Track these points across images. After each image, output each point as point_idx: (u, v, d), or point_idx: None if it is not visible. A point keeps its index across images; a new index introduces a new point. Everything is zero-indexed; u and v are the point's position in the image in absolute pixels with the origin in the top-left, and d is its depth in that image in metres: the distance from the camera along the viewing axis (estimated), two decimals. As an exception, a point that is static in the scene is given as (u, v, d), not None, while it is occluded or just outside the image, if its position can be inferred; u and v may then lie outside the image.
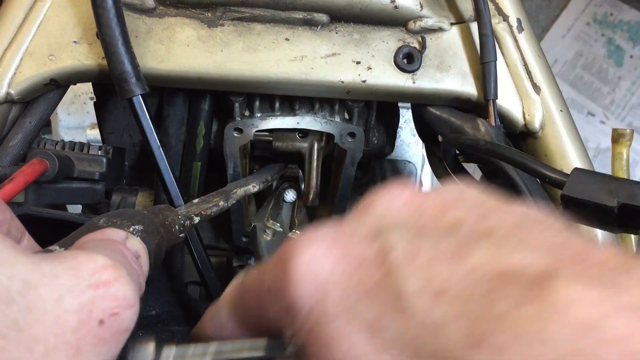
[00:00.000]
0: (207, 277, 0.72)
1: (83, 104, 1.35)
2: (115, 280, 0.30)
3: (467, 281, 0.27)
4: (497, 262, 0.27)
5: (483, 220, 0.31)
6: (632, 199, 0.48)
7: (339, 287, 0.31)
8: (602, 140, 2.74)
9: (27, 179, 0.57)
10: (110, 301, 0.29)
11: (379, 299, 0.29)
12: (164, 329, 0.75)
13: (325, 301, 0.31)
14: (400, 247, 0.30)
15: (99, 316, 0.29)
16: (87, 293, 0.29)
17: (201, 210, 0.58)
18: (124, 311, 0.30)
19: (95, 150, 0.71)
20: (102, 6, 0.61)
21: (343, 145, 0.76)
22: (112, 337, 0.29)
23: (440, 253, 0.29)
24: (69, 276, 0.29)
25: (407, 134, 1.00)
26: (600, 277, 0.26)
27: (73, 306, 0.28)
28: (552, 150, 0.72)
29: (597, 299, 0.24)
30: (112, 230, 0.39)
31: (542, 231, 0.30)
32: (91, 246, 0.34)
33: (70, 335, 0.27)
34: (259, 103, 0.76)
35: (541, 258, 0.27)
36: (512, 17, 0.73)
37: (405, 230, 0.32)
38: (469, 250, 0.29)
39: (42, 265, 0.28)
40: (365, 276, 0.30)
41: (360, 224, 0.34)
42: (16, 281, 0.26)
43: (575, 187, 0.51)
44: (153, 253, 0.43)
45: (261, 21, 0.69)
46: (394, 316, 0.28)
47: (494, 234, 0.30)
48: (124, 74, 0.62)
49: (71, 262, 0.29)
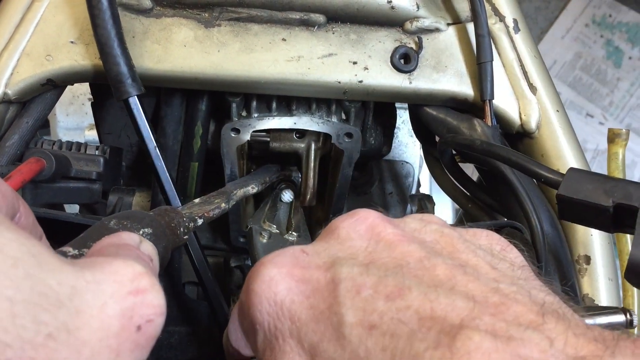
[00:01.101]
0: (205, 278, 0.72)
1: (81, 104, 1.35)
2: (151, 288, 0.31)
3: (397, 319, 0.31)
4: (426, 305, 0.31)
5: (428, 260, 0.35)
6: (627, 198, 0.48)
7: (294, 309, 0.35)
8: (600, 141, 2.74)
9: (24, 177, 0.57)
10: (147, 308, 0.30)
11: (323, 324, 0.33)
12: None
13: (280, 320, 0.35)
14: (348, 280, 0.34)
15: (137, 322, 0.30)
16: (128, 300, 0.30)
17: (204, 212, 0.58)
18: (157, 318, 0.31)
19: (92, 150, 0.71)
20: (98, 7, 0.61)
21: (340, 145, 0.76)
22: (146, 343, 0.30)
23: (380, 290, 0.33)
24: (111, 282, 0.30)
25: (404, 135, 1.00)
26: (507, 330, 0.30)
27: (116, 312, 0.29)
28: (548, 151, 0.72)
29: (497, 349, 0.28)
30: (127, 234, 0.39)
31: (476, 278, 0.34)
32: (112, 252, 0.35)
33: (113, 339, 0.28)
34: (256, 103, 0.76)
35: (463, 306, 0.31)
36: (509, 17, 0.74)
37: (355, 264, 0.35)
38: (405, 290, 0.33)
39: (85, 272, 0.29)
40: (316, 302, 0.34)
41: (321, 250, 0.38)
42: (65, 287, 0.27)
43: (571, 187, 0.51)
44: (161, 256, 0.43)
45: (258, 21, 0.69)
46: (332, 343, 0.32)
47: (432, 277, 0.34)
48: (119, 75, 0.62)
49: (109, 269, 0.30)
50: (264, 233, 0.73)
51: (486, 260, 0.37)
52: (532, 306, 0.31)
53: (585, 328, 0.30)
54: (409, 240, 0.37)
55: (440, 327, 0.30)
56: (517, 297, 0.32)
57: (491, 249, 0.40)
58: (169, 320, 0.78)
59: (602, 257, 0.68)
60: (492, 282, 0.34)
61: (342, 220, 0.40)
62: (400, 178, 0.98)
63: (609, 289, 0.67)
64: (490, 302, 0.32)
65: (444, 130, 0.74)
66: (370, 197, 0.95)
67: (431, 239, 0.38)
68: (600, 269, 0.68)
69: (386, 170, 0.97)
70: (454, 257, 0.36)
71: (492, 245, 0.40)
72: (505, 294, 0.32)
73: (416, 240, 0.37)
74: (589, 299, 0.67)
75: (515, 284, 0.34)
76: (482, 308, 0.31)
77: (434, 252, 0.36)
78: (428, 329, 0.30)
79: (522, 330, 0.29)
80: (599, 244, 0.69)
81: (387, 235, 0.37)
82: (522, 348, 0.28)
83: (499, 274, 0.35)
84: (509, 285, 0.33)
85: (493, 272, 0.36)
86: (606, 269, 0.68)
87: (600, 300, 0.67)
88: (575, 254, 0.69)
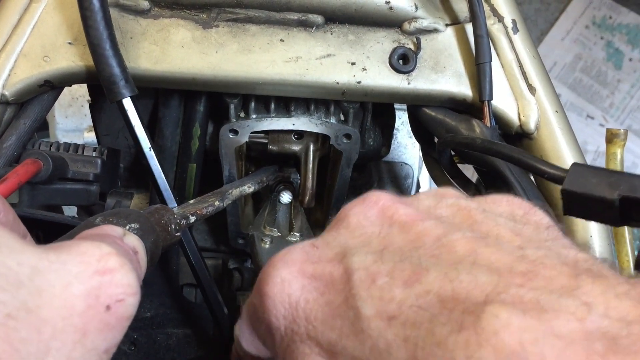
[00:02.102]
0: (203, 279, 0.72)
1: (80, 107, 1.35)
2: (120, 268, 0.30)
3: (416, 306, 0.29)
4: (446, 286, 0.29)
5: (445, 236, 0.32)
6: (632, 191, 0.48)
7: (309, 308, 0.33)
8: (601, 143, 2.73)
9: (21, 179, 0.57)
10: (116, 287, 0.30)
11: (340, 320, 0.31)
12: (159, 331, 0.74)
13: (296, 323, 0.33)
14: (362, 270, 0.32)
15: (105, 301, 0.29)
16: (94, 279, 0.29)
17: (197, 210, 0.58)
18: (128, 298, 0.30)
19: (89, 152, 0.71)
20: (90, 9, 0.61)
21: (339, 146, 0.76)
22: (117, 323, 0.30)
23: (396, 277, 0.31)
24: (77, 262, 0.29)
25: (403, 136, 1.00)
26: (538, 301, 0.26)
27: (81, 291, 0.29)
28: (547, 151, 0.72)
29: (528, 326, 0.25)
30: (109, 226, 0.39)
31: (498, 249, 0.31)
32: (91, 239, 0.35)
33: (78, 318, 0.28)
34: (254, 104, 0.76)
35: (487, 281, 0.28)
36: (507, 18, 0.73)
37: (368, 252, 0.33)
38: (423, 273, 0.30)
39: (49, 253, 0.29)
40: (331, 297, 0.32)
41: (331, 241, 0.36)
42: (25, 267, 0.27)
43: (575, 182, 0.51)
44: (150, 251, 0.44)
45: (256, 22, 0.69)
46: (351, 339, 0.30)
47: (451, 254, 0.31)
48: (112, 76, 0.62)
49: (77, 249, 0.30)
50: (266, 238, 0.72)
51: (508, 227, 0.34)
52: (562, 268, 0.28)
53: (628, 286, 0.27)
54: (424, 219, 0.35)
55: (463, 307, 0.27)
56: (545, 262, 0.29)
57: (513, 215, 0.37)
58: (167, 322, 0.78)
59: (601, 258, 0.68)
60: (517, 250, 0.31)
61: (352, 207, 0.38)
62: (399, 179, 0.98)
63: (609, 290, 0.67)
64: (516, 271, 0.29)
65: (442, 130, 0.74)
66: (369, 199, 0.95)
67: (447, 213, 0.36)
68: (600, 270, 0.67)
69: (385, 171, 0.97)
70: (474, 230, 0.34)
71: (514, 211, 0.37)
72: (532, 261, 0.29)
73: (431, 218, 0.35)
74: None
75: (542, 247, 0.32)
76: (508, 280, 0.28)
77: (451, 227, 0.34)
78: (450, 311, 0.28)
79: (554, 299, 0.26)
80: (598, 244, 0.68)
81: (400, 217, 0.35)
82: (556, 320, 0.25)
83: (524, 240, 0.33)
84: (535, 250, 0.31)
85: (517, 238, 0.33)
86: (606, 270, 0.67)
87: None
88: (575, 255, 0.68)
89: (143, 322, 0.73)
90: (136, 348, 0.72)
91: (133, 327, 0.72)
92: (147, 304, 0.74)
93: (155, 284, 0.74)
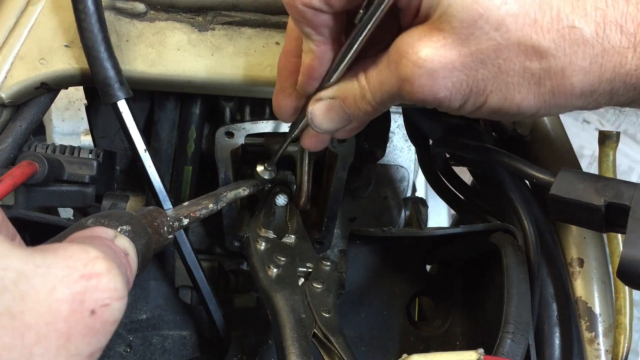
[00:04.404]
0: (199, 281, 0.72)
1: (77, 110, 1.34)
2: (107, 272, 0.30)
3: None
4: None
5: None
6: (618, 197, 0.48)
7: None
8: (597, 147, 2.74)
9: (16, 181, 0.57)
10: (101, 292, 0.30)
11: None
12: (154, 333, 0.74)
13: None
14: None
15: (90, 306, 0.29)
16: (79, 283, 0.29)
17: (190, 212, 0.59)
18: (114, 302, 0.30)
19: (86, 154, 0.71)
20: (84, 12, 0.61)
21: (334, 149, 0.76)
22: (102, 327, 0.30)
23: None
24: (62, 266, 0.29)
25: (399, 139, 1.00)
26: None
27: (65, 295, 0.29)
28: (541, 155, 0.72)
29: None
30: (100, 228, 0.39)
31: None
32: (80, 242, 0.35)
33: (62, 323, 0.28)
34: (250, 107, 0.77)
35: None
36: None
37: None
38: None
39: (35, 257, 0.29)
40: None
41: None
42: (10, 271, 0.27)
43: (563, 187, 0.51)
44: (141, 253, 0.44)
45: (252, 25, 0.69)
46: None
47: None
48: (107, 79, 0.62)
49: (63, 253, 0.30)
50: (261, 240, 0.72)
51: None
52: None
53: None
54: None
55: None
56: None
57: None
58: (162, 324, 0.78)
59: (595, 260, 0.68)
60: None
61: None
62: (395, 182, 0.98)
63: (602, 292, 0.67)
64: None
65: (437, 134, 0.74)
66: (364, 201, 0.95)
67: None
68: (594, 272, 0.68)
69: (381, 174, 0.97)
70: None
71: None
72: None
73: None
74: (582, 302, 0.67)
75: None
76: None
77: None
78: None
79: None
80: (592, 246, 0.68)
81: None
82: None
83: None
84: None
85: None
86: (599, 271, 0.67)
87: (594, 303, 0.67)
88: (569, 257, 0.69)
89: (139, 324, 0.73)
90: (132, 350, 0.72)
91: (129, 330, 0.72)
92: (143, 305, 0.74)
93: (151, 286, 0.74)
